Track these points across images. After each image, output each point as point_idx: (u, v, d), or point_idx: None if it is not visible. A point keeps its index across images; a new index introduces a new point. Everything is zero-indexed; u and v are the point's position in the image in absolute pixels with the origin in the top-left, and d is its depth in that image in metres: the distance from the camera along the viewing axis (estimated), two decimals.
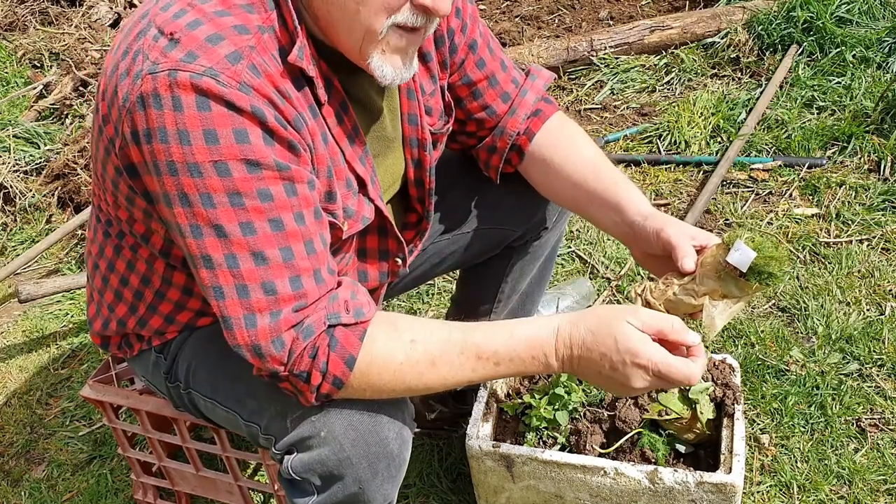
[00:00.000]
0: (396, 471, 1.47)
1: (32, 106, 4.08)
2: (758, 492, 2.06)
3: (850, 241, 2.80)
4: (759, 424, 2.22)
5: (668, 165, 3.30)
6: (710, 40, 3.92)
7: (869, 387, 2.29)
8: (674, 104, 3.62)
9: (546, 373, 1.43)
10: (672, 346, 1.37)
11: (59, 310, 3.01)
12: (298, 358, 1.31)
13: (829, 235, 2.84)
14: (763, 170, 3.18)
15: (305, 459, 1.42)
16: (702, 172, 3.24)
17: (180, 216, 1.29)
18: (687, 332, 1.38)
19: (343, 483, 1.43)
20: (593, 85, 3.87)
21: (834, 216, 2.91)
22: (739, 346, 2.44)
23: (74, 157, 3.51)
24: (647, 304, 1.51)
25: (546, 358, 1.39)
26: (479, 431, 1.84)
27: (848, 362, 2.36)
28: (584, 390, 1.88)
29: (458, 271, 2.21)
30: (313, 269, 1.33)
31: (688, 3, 4.31)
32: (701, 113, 3.50)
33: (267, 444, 1.50)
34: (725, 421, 1.78)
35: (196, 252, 1.30)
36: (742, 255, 1.41)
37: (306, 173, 1.33)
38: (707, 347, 1.83)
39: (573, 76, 3.93)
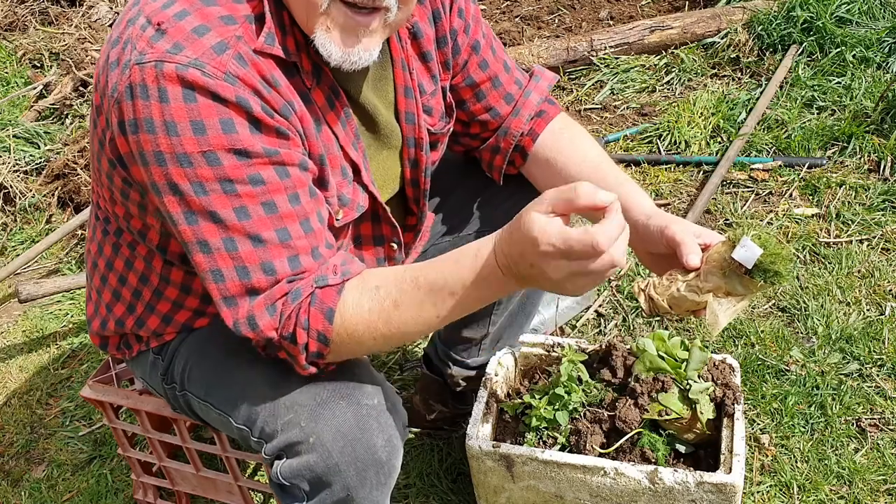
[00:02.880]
0: (386, 478, 1.47)
1: (32, 106, 4.08)
2: (758, 492, 2.06)
3: (850, 241, 2.80)
4: (759, 424, 2.22)
5: (668, 165, 3.30)
6: (710, 40, 3.91)
7: (869, 387, 2.29)
8: (674, 104, 3.62)
9: (504, 290, 1.32)
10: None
11: (59, 310, 3.01)
12: (287, 320, 1.32)
13: (829, 235, 2.84)
14: (763, 170, 3.17)
15: (294, 465, 1.42)
16: (702, 172, 3.24)
17: (171, 204, 1.30)
18: (596, 192, 1.19)
19: (331, 490, 1.43)
20: (593, 85, 3.86)
21: (834, 216, 2.91)
22: (739, 346, 2.44)
23: (74, 157, 3.51)
24: (651, 300, 1.50)
25: (492, 275, 1.29)
26: (479, 431, 1.84)
27: (848, 362, 2.36)
28: (583, 390, 1.88)
29: None
30: (311, 247, 1.35)
31: (688, 3, 4.30)
32: (701, 113, 3.50)
33: (258, 447, 1.49)
34: (725, 421, 1.78)
35: (191, 238, 1.31)
36: (748, 252, 1.40)
37: (297, 154, 1.34)
38: (706, 348, 1.82)
39: (573, 76, 3.93)
